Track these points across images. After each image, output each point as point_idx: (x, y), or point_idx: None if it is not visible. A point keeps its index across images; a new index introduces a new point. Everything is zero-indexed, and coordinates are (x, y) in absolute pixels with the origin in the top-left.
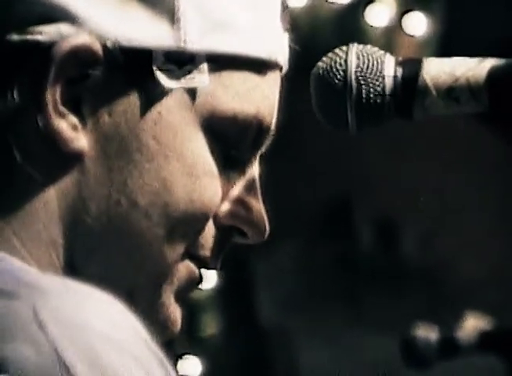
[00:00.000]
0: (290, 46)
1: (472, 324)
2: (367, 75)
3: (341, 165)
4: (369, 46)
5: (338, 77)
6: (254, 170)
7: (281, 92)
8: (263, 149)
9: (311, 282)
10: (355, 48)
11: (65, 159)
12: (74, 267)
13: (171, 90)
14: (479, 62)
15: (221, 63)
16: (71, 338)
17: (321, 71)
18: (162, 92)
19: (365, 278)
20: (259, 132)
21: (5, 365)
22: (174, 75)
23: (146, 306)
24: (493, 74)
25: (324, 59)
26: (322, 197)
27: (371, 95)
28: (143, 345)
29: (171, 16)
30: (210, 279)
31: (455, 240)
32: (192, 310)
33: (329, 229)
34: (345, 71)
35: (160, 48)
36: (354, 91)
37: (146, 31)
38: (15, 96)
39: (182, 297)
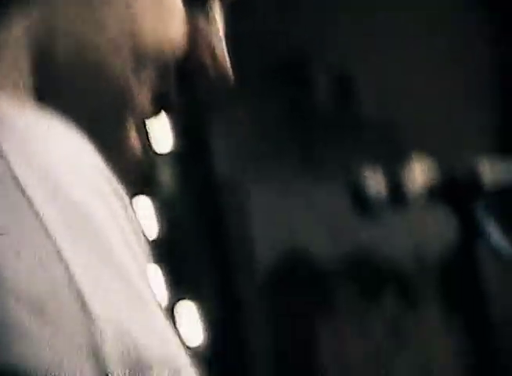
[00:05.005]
0: None
1: (421, 175)
2: None
3: (298, 18)
4: None
5: None
6: (217, 12)
7: None
8: None
9: (266, 131)
10: None
11: None
12: (40, 96)
13: None
14: None
15: None
16: (29, 161)
17: None
18: None
19: (319, 127)
20: None
21: None
22: None
23: (109, 136)
24: None
25: None
26: (278, 48)
27: None
28: (102, 176)
29: None
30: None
31: (410, 97)
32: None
33: (285, 79)
34: None
35: None
36: None
37: None
38: None
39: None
